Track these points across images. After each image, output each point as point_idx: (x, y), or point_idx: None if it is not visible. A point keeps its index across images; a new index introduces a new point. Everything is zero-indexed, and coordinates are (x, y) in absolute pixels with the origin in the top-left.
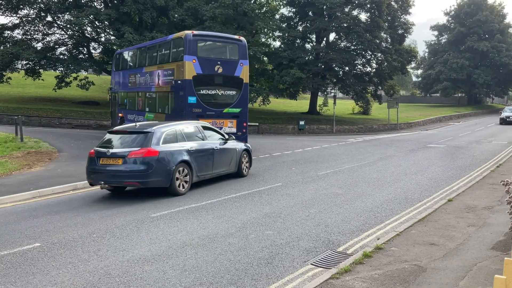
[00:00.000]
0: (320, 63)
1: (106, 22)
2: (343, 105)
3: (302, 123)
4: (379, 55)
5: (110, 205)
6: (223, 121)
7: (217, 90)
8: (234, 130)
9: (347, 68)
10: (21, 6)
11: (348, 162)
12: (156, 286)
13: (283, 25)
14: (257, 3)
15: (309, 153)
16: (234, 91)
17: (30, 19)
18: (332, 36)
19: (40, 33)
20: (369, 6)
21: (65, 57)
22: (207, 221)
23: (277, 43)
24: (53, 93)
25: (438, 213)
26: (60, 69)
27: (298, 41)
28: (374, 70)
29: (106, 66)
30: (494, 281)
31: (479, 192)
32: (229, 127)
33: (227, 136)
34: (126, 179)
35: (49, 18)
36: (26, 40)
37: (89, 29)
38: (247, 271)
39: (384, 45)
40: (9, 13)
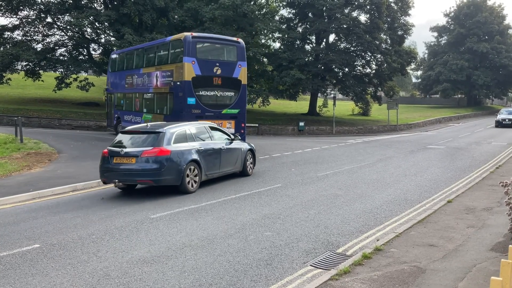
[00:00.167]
0: (319, 64)
1: (106, 23)
2: (343, 106)
3: (301, 124)
4: (379, 56)
5: (109, 206)
6: (222, 122)
7: (215, 91)
8: (232, 130)
9: (346, 69)
10: (21, 7)
11: (347, 163)
12: (155, 287)
13: (283, 27)
14: (257, 5)
15: (309, 154)
16: (232, 92)
17: (30, 20)
18: (331, 37)
19: (40, 34)
20: (368, 7)
21: (65, 58)
22: (206, 222)
23: (277, 44)
24: (53, 94)
25: (437, 215)
26: (60, 70)
27: (297, 42)
28: (373, 71)
29: (106, 67)
30: (490, 283)
31: (478, 193)
32: (228, 128)
33: (232, 136)
34: (139, 177)
35: (49, 19)
36: (26, 41)
37: (89, 30)
38: (246, 273)
39: (383, 46)
40: (9, 14)
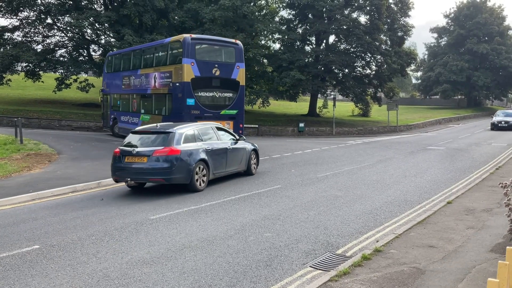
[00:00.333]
0: (319, 65)
1: (106, 24)
2: (343, 107)
3: (301, 125)
4: (379, 57)
5: (109, 207)
6: (220, 123)
7: (214, 92)
8: (230, 131)
9: (346, 70)
10: (21, 8)
11: (347, 164)
12: None
13: (283, 28)
14: (257, 6)
15: (309, 155)
16: (231, 93)
17: (30, 21)
18: (331, 38)
19: (40, 35)
20: (368, 8)
21: (65, 59)
22: (206, 223)
23: (276, 45)
24: (53, 95)
25: (437, 216)
26: (60, 71)
27: (297, 43)
28: (373, 72)
29: None
30: (487, 284)
31: (478, 194)
32: None
33: (237, 136)
34: (151, 176)
35: (49, 20)
36: (26, 42)
37: (89, 31)
38: (246, 274)
39: (383, 48)
40: (9, 15)
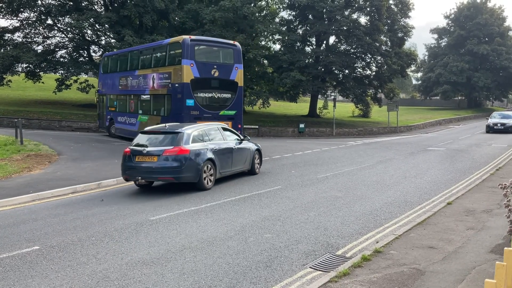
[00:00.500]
0: (320, 66)
1: (106, 25)
2: (343, 108)
3: (302, 126)
4: (379, 58)
5: (109, 208)
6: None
7: (213, 93)
8: (235, 131)
9: (347, 71)
10: (22, 9)
11: (347, 165)
12: None
13: (283, 29)
14: (257, 7)
15: (309, 156)
16: (229, 94)
17: (30, 22)
18: (332, 39)
19: (40, 36)
20: (368, 9)
21: (66, 60)
22: (206, 224)
23: (277, 46)
24: (53, 96)
25: (437, 217)
26: (60, 72)
27: (298, 44)
28: (374, 73)
29: None
30: (484, 285)
31: (478, 195)
32: None
33: (242, 136)
34: (161, 175)
35: (49, 21)
36: (26, 43)
37: (89, 32)
38: (246, 275)
39: (384, 48)
40: (9, 16)
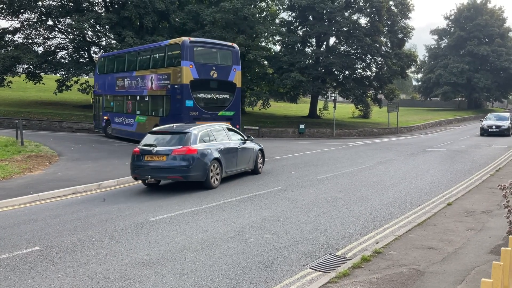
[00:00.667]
0: (320, 67)
1: (107, 26)
2: (343, 109)
3: (302, 126)
4: (379, 59)
5: (109, 209)
6: None
7: (212, 94)
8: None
9: (347, 72)
10: (22, 10)
11: (348, 166)
12: None
13: (283, 30)
14: (257, 8)
15: (309, 157)
16: (228, 95)
17: (31, 23)
18: (332, 40)
19: (41, 37)
20: (369, 10)
21: (66, 61)
22: (206, 225)
23: (277, 47)
24: (54, 97)
25: (437, 217)
26: (61, 72)
27: (298, 45)
28: (374, 74)
29: None
30: (481, 284)
31: (478, 196)
32: None
33: (246, 137)
34: (170, 174)
35: (50, 22)
36: (27, 44)
37: (90, 33)
38: (246, 275)
39: (384, 49)
40: (10, 17)
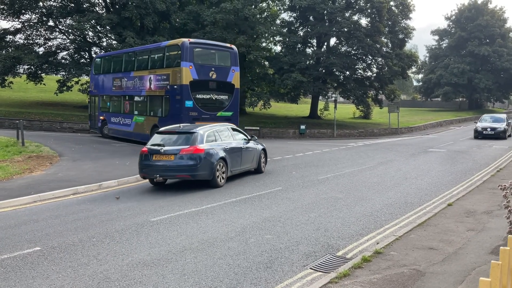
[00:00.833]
0: (320, 68)
1: (107, 26)
2: (344, 110)
3: (303, 127)
4: (380, 59)
5: (110, 209)
6: None
7: (211, 94)
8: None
9: (347, 72)
10: (23, 11)
11: (348, 166)
12: None
13: (284, 30)
14: (258, 8)
15: (310, 157)
16: (226, 96)
17: (32, 23)
18: (332, 40)
19: (42, 38)
20: (369, 11)
21: (67, 62)
22: (206, 225)
23: (278, 48)
24: (55, 97)
25: (437, 218)
26: (61, 73)
27: (299, 45)
28: (374, 74)
29: None
30: (479, 283)
31: (479, 196)
32: None
33: (249, 137)
34: (178, 173)
35: (51, 23)
36: (28, 44)
37: (90, 33)
38: (246, 276)
39: (384, 50)
40: (11, 17)
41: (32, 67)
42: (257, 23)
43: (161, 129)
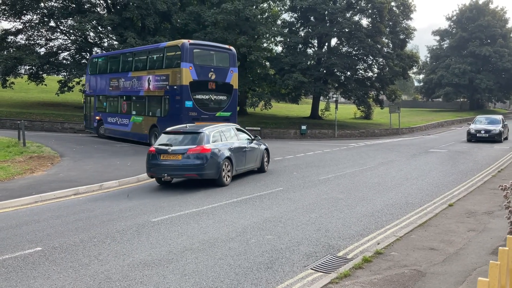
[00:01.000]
0: (321, 68)
1: (109, 27)
2: (345, 110)
3: (304, 127)
4: (381, 60)
5: (111, 210)
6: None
7: (210, 95)
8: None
9: (348, 73)
10: (25, 11)
11: (349, 166)
12: None
13: (285, 31)
14: (259, 9)
15: (311, 158)
16: (225, 96)
17: (33, 24)
18: (333, 41)
19: (43, 38)
20: (370, 11)
21: (68, 62)
22: (207, 225)
23: (279, 48)
24: (56, 98)
25: (438, 218)
26: (63, 73)
27: (300, 46)
28: (375, 75)
29: None
30: (477, 283)
31: (480, 197)
32: None
33: (253, 136)
34: (186, 172)
35: (52, 23)
36: (29, 45)
37: (92, 34)
38: (247, 276)
39: (385, 50)
40: (12, 18)
41: (33, 68)
42: (258, 24)
43: (168, 129)
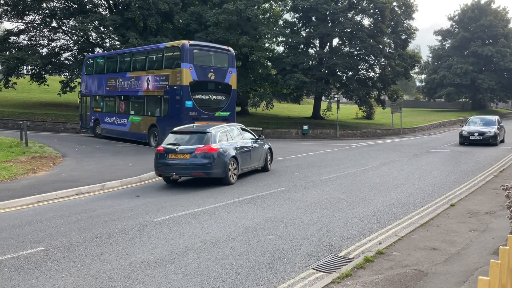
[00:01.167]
0: (323, 68)
1: (111, 27)
2: (347, 110)
3: (305, 127)
4: (383, 60)
5: (113, 210)
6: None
7: (210, 95)
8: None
9: (350, 73)
10: (27, 12)
11: (351, 166)
12: None
13: (287, 31)
14: (261, 9)
15: (312, 158)
16: (224, 96)
17: (35, 24)
18: (335, 41)
19: (45, 39)
20: (372, 11)
21: (70, 62)
22: (209, 225)
23: (280, 48)
24: (58, 98)
25: (440, 218)
26: (65, 74)
27: (301, 46)
28: (377, 75)
29: None
30: (478, 282)
31: (481, 197)
32: None
33: (257, 136)
34: (193, 171)
35: (54, 23)
36: (31, 45)
37: (94, 34)
38: (249, 276)
39: (387, 50)
40: (14, 19)
41: (35, 68)
42: (259, 24)
43: (175, 129)
